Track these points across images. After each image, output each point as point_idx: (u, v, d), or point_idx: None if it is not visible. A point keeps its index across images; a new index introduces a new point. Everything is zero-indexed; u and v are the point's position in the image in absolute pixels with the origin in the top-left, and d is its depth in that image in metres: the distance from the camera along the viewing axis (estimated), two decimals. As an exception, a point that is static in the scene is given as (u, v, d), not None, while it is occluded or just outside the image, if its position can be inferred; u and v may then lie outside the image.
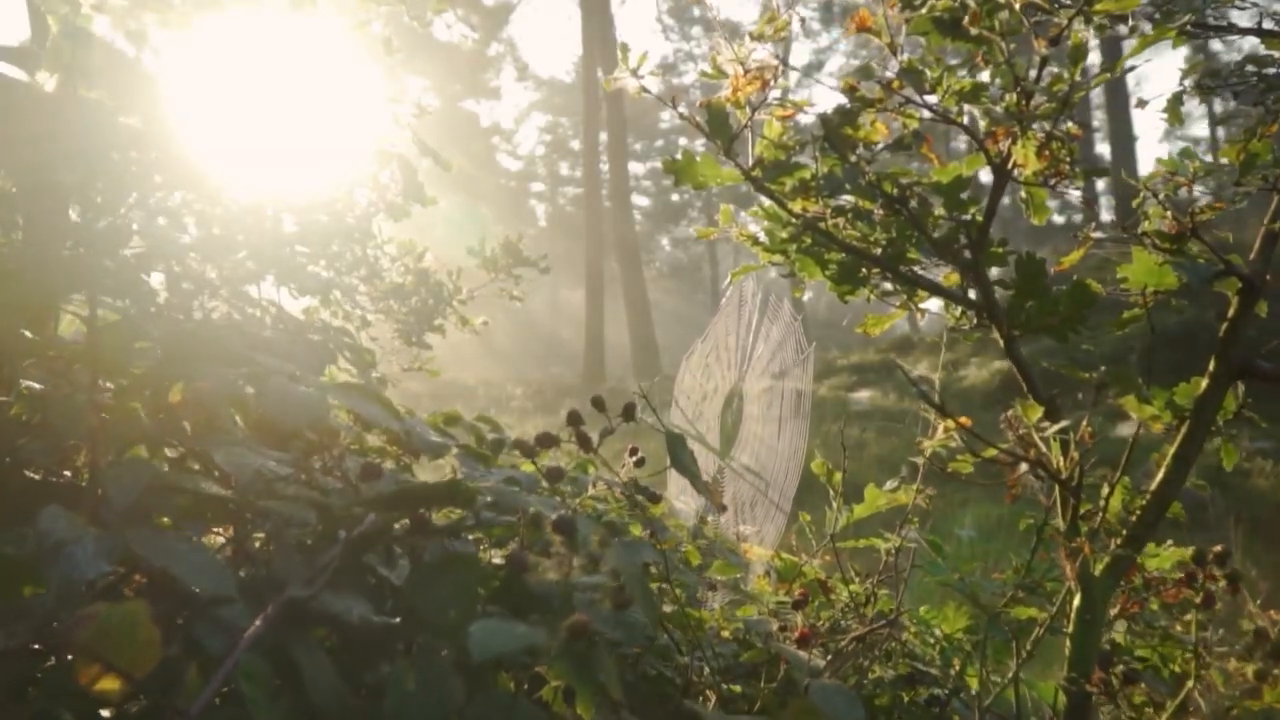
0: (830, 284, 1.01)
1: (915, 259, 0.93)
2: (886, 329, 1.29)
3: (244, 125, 2.69)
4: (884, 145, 0.83)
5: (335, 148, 3.04)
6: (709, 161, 0.96)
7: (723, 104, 0.96)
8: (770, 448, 1.46)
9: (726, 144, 0.94)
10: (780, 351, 1.50)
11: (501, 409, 18.01)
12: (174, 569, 0.59)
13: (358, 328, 3.29)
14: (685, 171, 0.97)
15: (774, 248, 1.00)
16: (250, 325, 1.36)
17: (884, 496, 1.42)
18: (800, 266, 1.01)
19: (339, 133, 3.01)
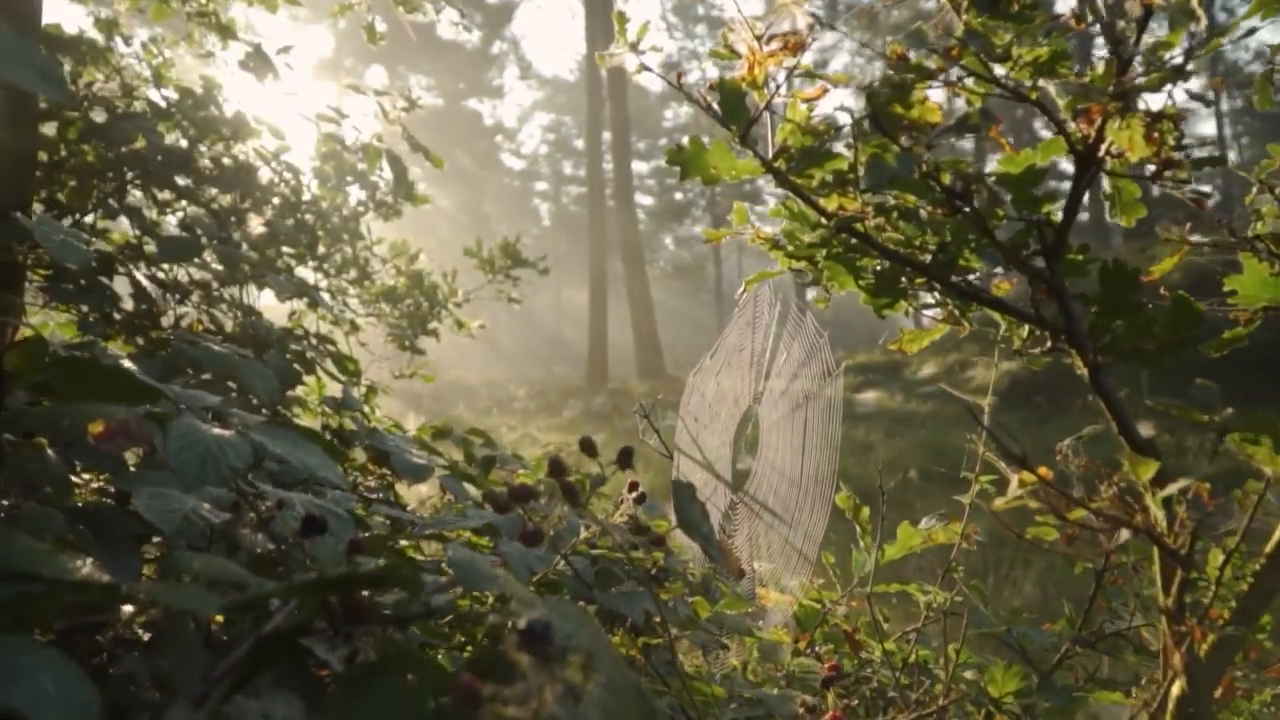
0: (864, 296, 0.86)
1: (969, 266, 0.77)
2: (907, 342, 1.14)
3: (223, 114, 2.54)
4: (945, 128, 0.68)
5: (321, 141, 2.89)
6: (721, 151, 0.81)
7: (738, 83, 0.81)
8: (792, 481, 1.30)
9: (743, 130, 0.78)
10: (804, 371, 1.34)
11: (504, 410, 17.87)
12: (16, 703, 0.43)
13: (347, 332, 3.14)
14: (693, 163, 0.81)
15: (798, 253, 0.84)
16: (201, 342, 1.20)
17: (919, 535, 1.27)
18: (829, 275, 0.85)
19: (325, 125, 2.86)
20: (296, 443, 0.69)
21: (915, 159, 0.65)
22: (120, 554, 0.75)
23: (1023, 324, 0.78)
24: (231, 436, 0.65)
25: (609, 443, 12.63)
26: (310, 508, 0.79)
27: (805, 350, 1.34)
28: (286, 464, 0.67)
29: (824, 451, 1.23)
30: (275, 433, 0.69)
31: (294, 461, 0.66)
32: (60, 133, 2.02)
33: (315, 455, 0.69)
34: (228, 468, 0.61)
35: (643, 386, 20.24)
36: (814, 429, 1.25)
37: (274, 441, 0.67)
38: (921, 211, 0.78)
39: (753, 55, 0.88)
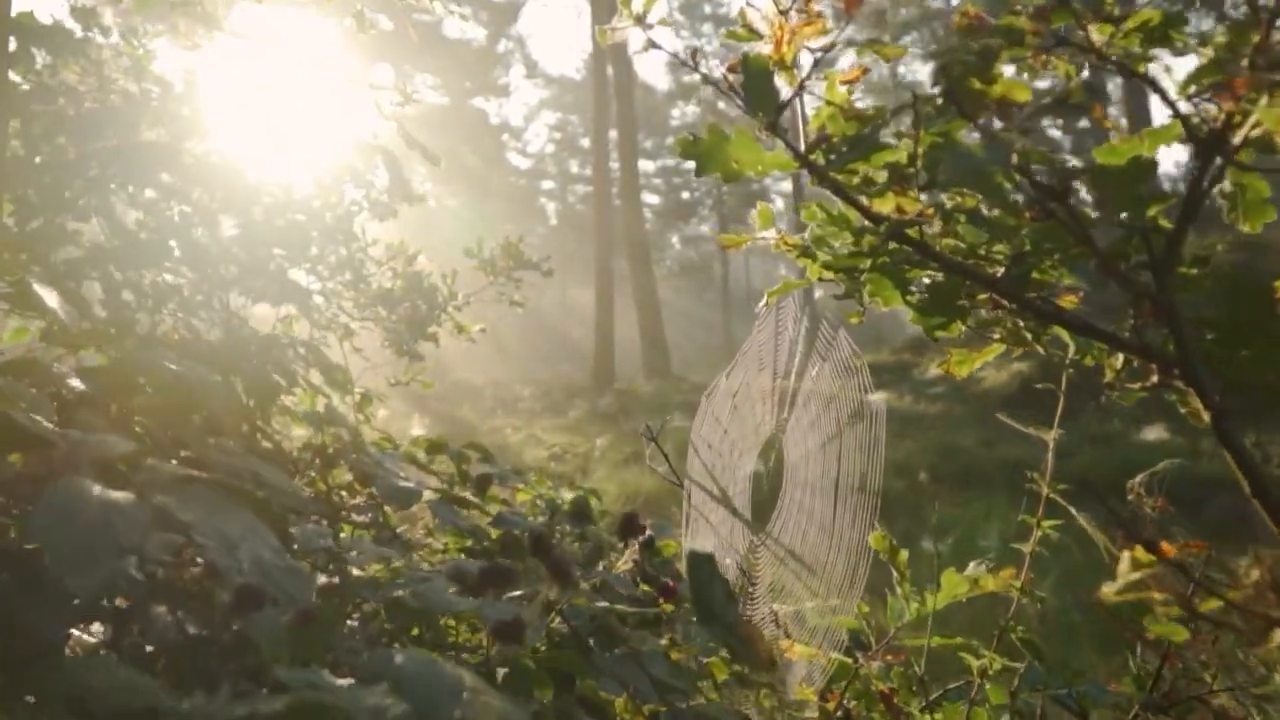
0: (914, 314, 0.72)
1: (1043, 280, 0.64)
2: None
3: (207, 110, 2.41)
4: (1038, 107, 0.54)
5: (312, 138, 2.76)
6: (745, 142, 0.67)
7: (764, 60, 0.67)
8: (822, 527, 1.16)
9: (772, 116, 0.65)
10: (837, 400, 1.20)
11: (509, 410, 17.75)
12: None
13: (341, 338, 3.01)
14: (711, 156, 0.68)
15: (837, 263, 0.71)
16: (156, 360, 1.07)
17: (965, 583, 1.13)
18: (872, 290, 0.72)
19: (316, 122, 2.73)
20: (216, 506, 0.56)
21: (1007, 147, 0.51)
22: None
23: (1114, 352, 0.64)
24: (126, 503, 0.51)
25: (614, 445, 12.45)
26: (253, 569, 0.65)
27: (838, 375, 1.19)
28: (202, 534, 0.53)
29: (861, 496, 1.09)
30: (190, 494, 0.55)
31: (207, 534, 0.52)
32: (25, 128, 1.89)
33: (239, 522, 0.55)
34: (113, 550, 0.48)
35: (649, 386, 20.10)
36: (849, 469, 1.11)
37: (185, 506, 0.53)
38: (984, 213, 0.65)
39: (781, 29, 0.75)
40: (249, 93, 2.64)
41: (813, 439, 1.22)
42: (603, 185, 23.93)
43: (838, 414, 1.18)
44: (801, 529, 1.24)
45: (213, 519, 0.54)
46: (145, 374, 1.05)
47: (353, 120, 2.83)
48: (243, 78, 2.66)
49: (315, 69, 2.75)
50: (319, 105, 2.77)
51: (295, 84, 2.72)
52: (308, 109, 2.74)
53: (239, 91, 2.60)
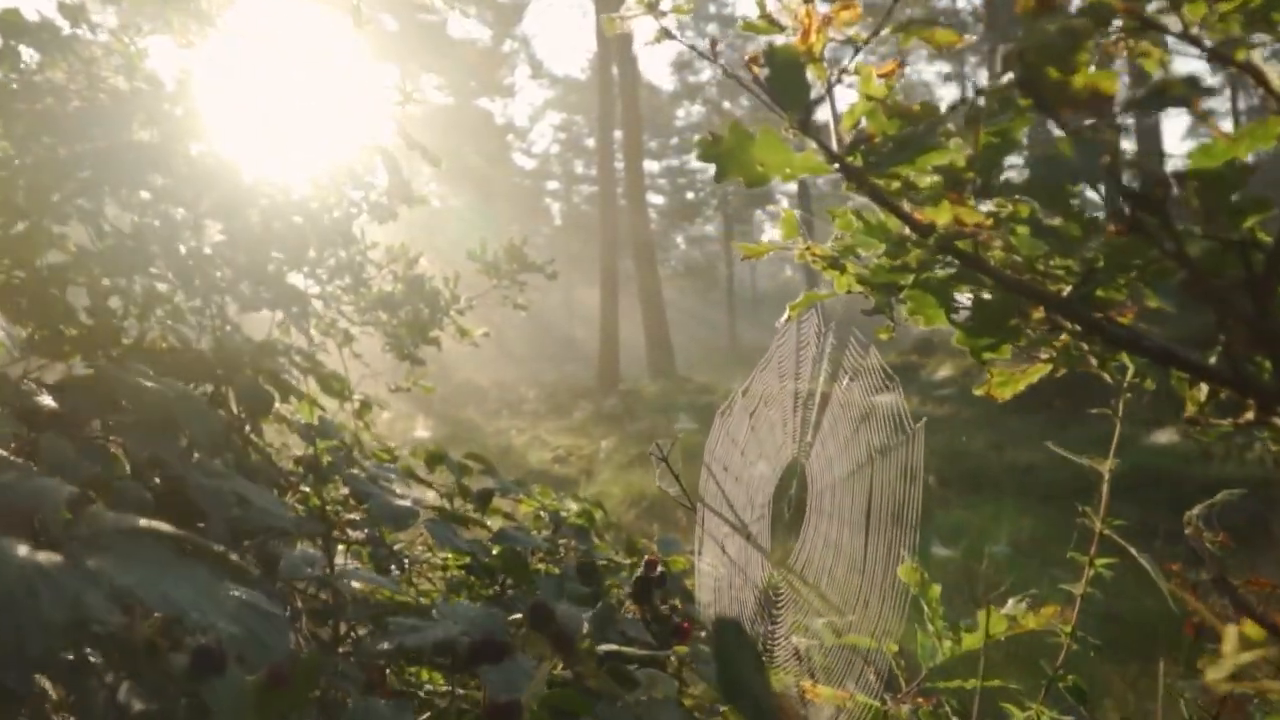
0: (960, 335, 0.65)
1: (1110, 299, 0.56)
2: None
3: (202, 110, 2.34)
4: (1130, 101, 0.46)
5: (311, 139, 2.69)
6: (771, 142, 0.60)
7: (794, 51, 0.60)
8: (852, 564, 1.07)
9: (803, 113, 0.57)
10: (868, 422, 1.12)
11: (514, 412, 17.69)
12: None
13: (340, 343, 2.94)
14: (733, 158, 0.60)
15: (875, 278, 0.63)
16: (129, 376, 0.99)
17: (1004, 621, 1.06)
18: (914, 307, 0.64)
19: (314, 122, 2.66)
20: (166, 565, 0.48)
21: (1100, 149, 0.43)
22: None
23: (1196, 383, 0.57)
24: (55, 568, 0.44)
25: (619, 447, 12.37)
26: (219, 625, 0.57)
27: (869, 396, 1.11)
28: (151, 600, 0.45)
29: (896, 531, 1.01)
30: (133, 551, 0.48)
31: (152, 599, 0.45)
32: (8, 127, 1.82)
33: (191, 585, 0.48)
34: (37, 630, 0.40)
35: (654, 387, 20.02)
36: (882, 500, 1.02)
37: (126, 566, 0.46)
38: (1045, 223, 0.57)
39: (808, 19, 0.67)
40: (245, 92, 2.57)
41: (840, 466, 1.14)
42: (608, 186, 23.86)
43: (869, 439, 1.10)
44: (828, 565, 1.15)
45: (160, 581, 0.46)
46: (120, 391, 0.98)
47: (352, 120, 2.76)
48: (239, 77, 2.59)
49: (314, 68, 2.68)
50: (318, 105, 2.70)
51: (293, 83, 2.66)
52: (306, 109, 2.67)
53: (235, 91, 2.53)
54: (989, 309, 0.61)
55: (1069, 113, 0.43)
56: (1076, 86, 0.43)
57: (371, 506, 1.34)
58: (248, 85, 2.57)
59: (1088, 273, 0.52)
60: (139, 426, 1.07)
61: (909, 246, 0.59)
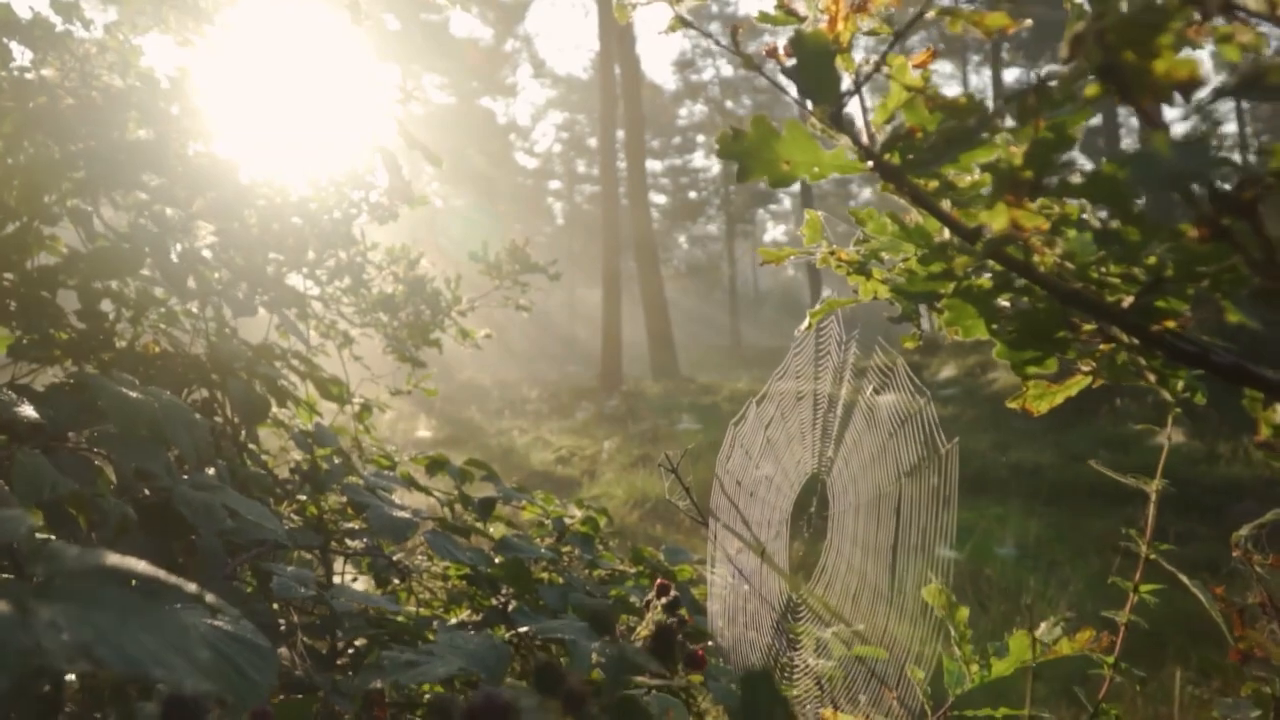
0: (1000, 348, 0.60)
1: (1171, 309, 0.51)
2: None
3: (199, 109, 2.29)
4: (1221, 89, 0.41)
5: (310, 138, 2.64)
6: (799, 138, 0.55)
7: (824, 38, 0.55)
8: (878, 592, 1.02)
9: (834, 106, 0.52)
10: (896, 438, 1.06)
11: (516, 412, 17.64)
12: None
13: (340, 345, 2.89)
14: (757, 155, 0.55)
15: (912, 287, 0.58)
16: (110, 385, 0.94)
17: (1035, 647, 1.00)
18: (952, 317, 0.59)
19: (314, 121, 2.61)
20: (131, 611, 0.43)
21: (1206, 148, 0.38)
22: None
23: (1272, 403, 0.51)
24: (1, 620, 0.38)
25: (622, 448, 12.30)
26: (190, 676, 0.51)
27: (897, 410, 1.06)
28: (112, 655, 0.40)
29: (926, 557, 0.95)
30: (97, 597, 0.42)
31: (111, 656, 0.40)
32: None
33: (158, 634, 0.43)
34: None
35: (656, 387, 19.96)
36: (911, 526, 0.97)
37: (85, 615, 0.40)
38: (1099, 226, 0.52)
39: (835, 5, 0.62)
40: (244, 91, 2.52)
41: (864, 486, 1.08)
42: (610, 185, 23.80)
43: (896, 457, 1.04)
44: (851, 591, 1.09)
45: (122, 632, 0.41)
46: (102, 402, 0.93)
47: (353, 120, 2.71)
48: (237, 75, 2.54)
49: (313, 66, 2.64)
50: (317, 104, 2.65)
51: (293, 82, 2.61)
52: (306, 108, 2.62)
53: (233, 90, 2.48)
54: (1035, 320, 0.56)
55: (1151, 102, 0.38)
56: (1158, 73, 0.38)
57: (370, 518, 1.29)
58: (246, 84, 2.52)
59: (1154, 281, 0.47)
60: (125, 437, 1.03)
61: (951, 252, 0.54)
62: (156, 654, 0.40)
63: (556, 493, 9.23)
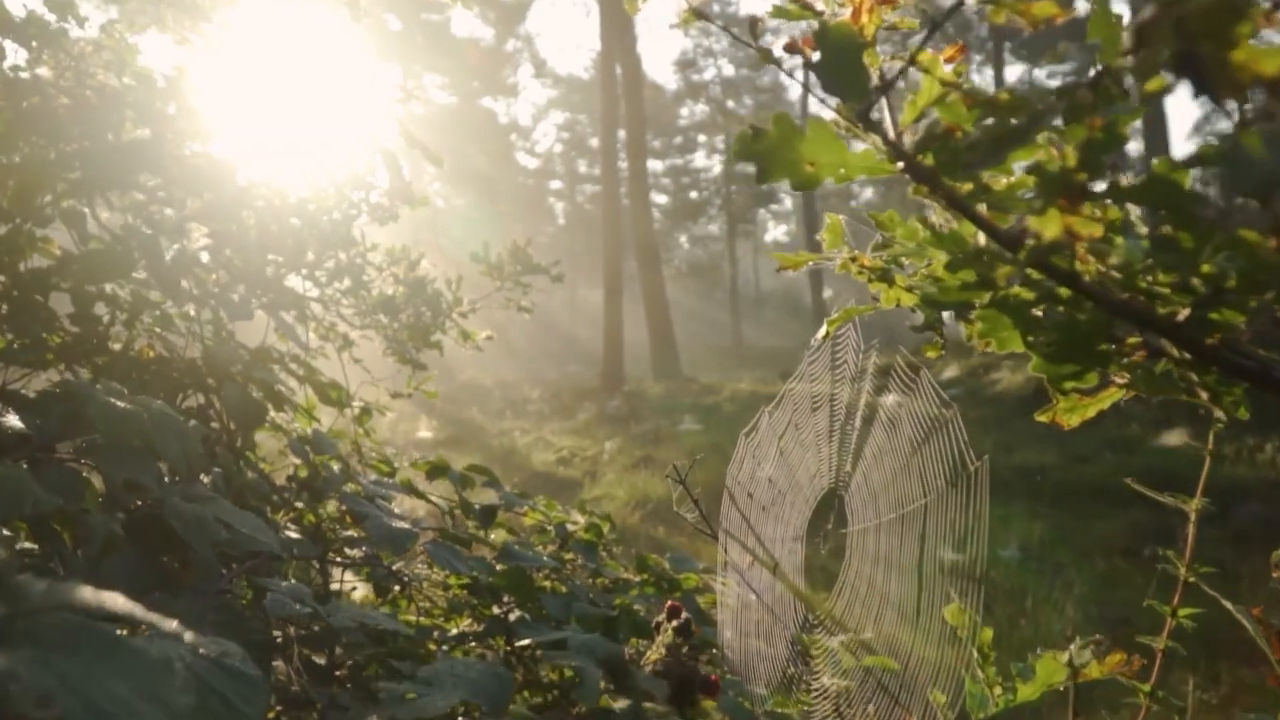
0: (1036, 360, 0.56)
1: (1227, 321, 0.47)
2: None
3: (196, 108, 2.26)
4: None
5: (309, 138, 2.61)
6: (823, 137, 0.51)
7: (850, 30, 0.51)
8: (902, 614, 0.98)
9: (864, 103, 0.49)
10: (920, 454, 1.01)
11: (518, 412, 17.61)
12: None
13: (339, 348, 2.86)
14: (777, 155, 0.52)
15: (944, 297, 0.54)
16: (98, 395, 0.91)
17: (1062, 669, 0.96)
18: (986, 329, 0.56)
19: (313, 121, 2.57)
20: (104, 651, 0.39)
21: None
22: None
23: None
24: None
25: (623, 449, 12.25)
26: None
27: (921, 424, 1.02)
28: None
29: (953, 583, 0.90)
30: (66, 637, 0.39)
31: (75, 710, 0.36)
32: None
33: (131, 678, 0.39)
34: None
35: (658, 388, 19.93)
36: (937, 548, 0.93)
37: (47, 660, 0.37)
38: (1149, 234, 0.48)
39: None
40: (242, 90, 2.49)
41: (885, 504, 1.04)
42: (611, 185, 23.77)
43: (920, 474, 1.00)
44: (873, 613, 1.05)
45: (91, 677, 0.37)
46: (89, 412, 0.89)
47: (353, 120, 2.67)
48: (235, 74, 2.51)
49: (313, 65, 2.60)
50: (317, 104, 2.61)
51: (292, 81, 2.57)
52: (305, 108, 2.59)
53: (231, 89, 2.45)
54: (1076, 332, 0.52)
55: (1229, 96, 0.35)
56: (1237, 64, 0.34)
57: (369, 529, 1.26)
58: (244, 83, 2.49)
59: (1213, 292, 0.43)
60: (113, 447, 0.99)
61: (987, 260, 0.50)
62: (128, 703, 0.36)
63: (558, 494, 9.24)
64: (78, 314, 1.67)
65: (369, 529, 1.25)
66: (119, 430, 0.89)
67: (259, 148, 2.45)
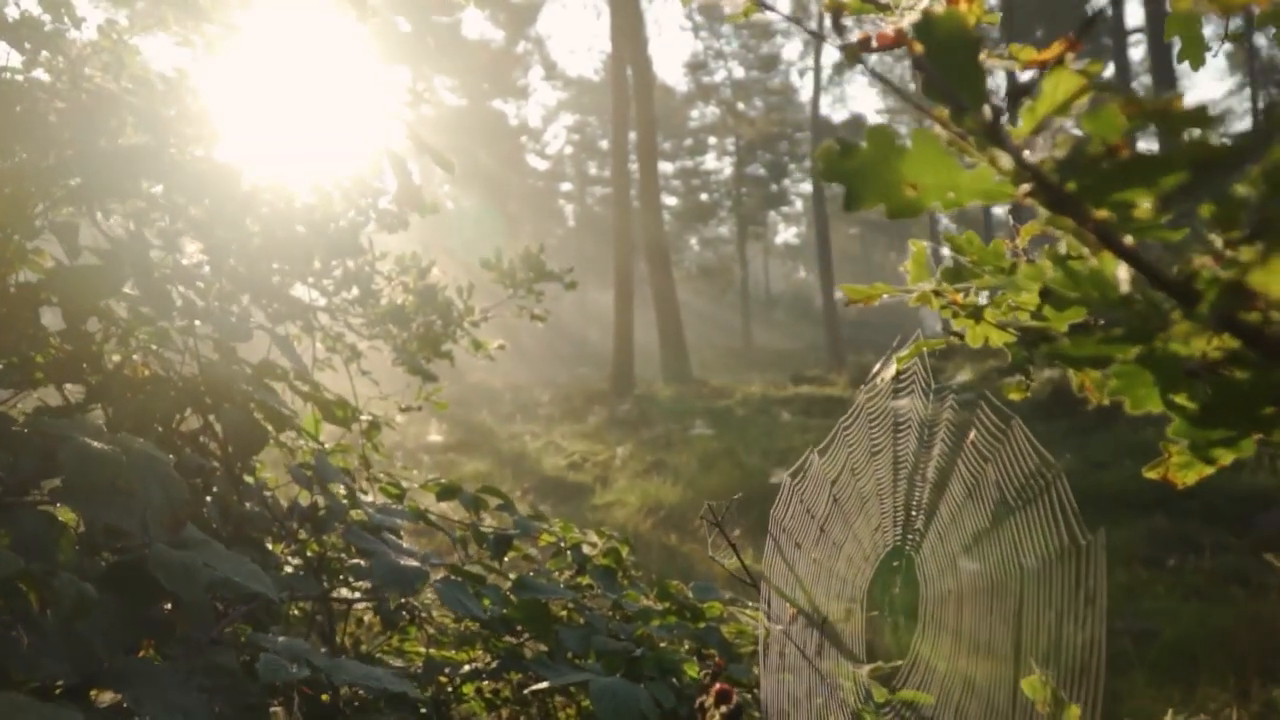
0: (1178, 423, 0.46)
1: None
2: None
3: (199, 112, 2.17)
4: None
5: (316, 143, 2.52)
6: (930, 153, 0.41)
7: (963, 19, 0.42)
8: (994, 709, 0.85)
9: (991, 116, 0.39)
10: (1011, 519, 0.90)
11: (528, 416, 17.53)
12: None
13: (347, 360, 2.77)
14: (872, 176, 0.42)
15: (1075, 350, 0.44)
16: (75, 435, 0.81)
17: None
18: (1121, 386, 0.46)
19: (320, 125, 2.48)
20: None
21: None
22: None
23: None
24: None
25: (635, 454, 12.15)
26: None
27: (1011, 481, 0.90)
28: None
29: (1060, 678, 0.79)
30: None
31: None
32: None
33: None
34: None
35: (669, 391, 19.82)
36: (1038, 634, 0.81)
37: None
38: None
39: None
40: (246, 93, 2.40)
41: (968, 572, 0.93)
42: (622, 187, 23.67)
43: (1015, 548, 0.89)
44: (954, 701, 0.94)
45: None
46: (60, 456, 0.80)
47: (361, 124, 2.58)
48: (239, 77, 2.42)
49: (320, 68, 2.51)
50: (323, 108, 2.53)
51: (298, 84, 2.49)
52: (311, 111, 2.50)
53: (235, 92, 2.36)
54: (1237, 393, 0.42)
55: None
56: None
57: (375, 569, 1.16)
58: (248, 86, 2.40)
59: None
60: (90, 489, 0.89)
61: (1141, 310, 0.40)
62: None
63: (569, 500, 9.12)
64: (69, 330, 1.58)
65: (375, 570, 1.16)
66: (94, 476, 0.80)
67: (264, 153, 2.37)
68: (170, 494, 0.85)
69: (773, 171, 46.45)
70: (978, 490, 0.96)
